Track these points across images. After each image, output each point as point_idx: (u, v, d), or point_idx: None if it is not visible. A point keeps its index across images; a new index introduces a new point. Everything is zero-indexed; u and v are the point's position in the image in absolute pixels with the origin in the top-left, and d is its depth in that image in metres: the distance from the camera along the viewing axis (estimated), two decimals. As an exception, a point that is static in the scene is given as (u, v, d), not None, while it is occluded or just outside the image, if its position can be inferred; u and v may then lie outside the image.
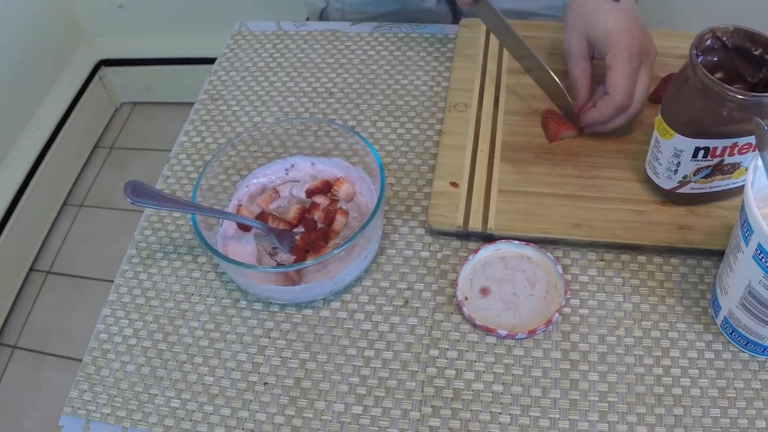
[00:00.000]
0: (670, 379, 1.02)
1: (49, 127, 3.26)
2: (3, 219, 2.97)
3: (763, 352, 1.02)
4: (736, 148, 1.05)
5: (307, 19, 1.82)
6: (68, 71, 3.43)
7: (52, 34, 3.32)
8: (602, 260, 1.15)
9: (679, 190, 1.14)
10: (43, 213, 3.24)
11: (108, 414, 1.08)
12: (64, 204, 3.35)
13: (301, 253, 1.15)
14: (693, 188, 1.13)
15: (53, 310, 3.00)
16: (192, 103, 1.46)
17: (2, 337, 2.93)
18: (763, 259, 0.88)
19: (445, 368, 1.06)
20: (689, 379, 1.02)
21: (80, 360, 1.14)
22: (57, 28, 3.34)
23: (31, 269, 3.13)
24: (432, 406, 1.03)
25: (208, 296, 1.18)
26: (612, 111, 1.20)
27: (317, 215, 1.19)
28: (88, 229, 3.26)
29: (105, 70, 3.59)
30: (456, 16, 1.70)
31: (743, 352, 1.04)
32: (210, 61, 3.28)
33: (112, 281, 1.22)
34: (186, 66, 3.44)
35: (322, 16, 1.76)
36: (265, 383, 1.07)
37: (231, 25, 1.66)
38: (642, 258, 1.15)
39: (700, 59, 1.03)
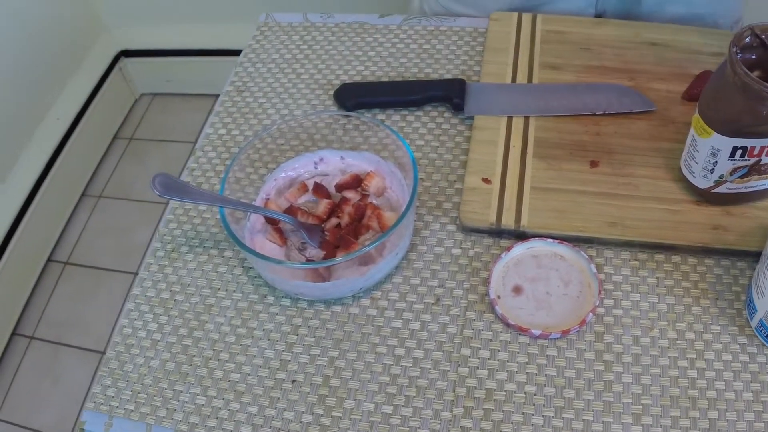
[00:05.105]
0: (705, 381, 1.01)
1: (68, 118, 3.26)
2: (22, 209, 2.97)
3: (799, 356, 1.00)
4: (774, 148, 1.04)
5: None
6: (88, 62, 3.43)
7: (72, 24, 3.32)
8: (636, 260, 1.14)
9: (714, 190, 1.12)
10: (62, 204, 3.24)
11: (132, 410, 1.07)
12: (83, 195, 3.35)
13: (331, 248, 1.14)
14: (729, 188, 1.11)
15: (71, 300, 3.00)
16: (211, 95, 1.46)
17: (20, 327, 2.93)
18: (803, 261, 0.86)
19: (477, 368, 1.04)
20: (723, 382, 1.01)
21: (97, 351, 1.13)
22: (77, 18, 3.34)
23: (49, 260, 3.13)
24: (464, 406, 1.01)
25: (234, 291, 1.17)
26: None
27: (347, 210, 1.17)
28: (106, 220, 3.26)
29: (125, 61, 3.59)
30: None
31: (779, 355, 1.02)
32: (230, 52, 3.29)
33: (131, 273, 1.21)
34: (205, 57, 3.44)
35: None
36: (293, 381, 1.06)
37: (251, 17, 1.64)
38: (676, 258, 1.14)
39: (738, 57, 1.01)
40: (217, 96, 1.44)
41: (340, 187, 1.22)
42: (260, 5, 2.04)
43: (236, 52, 3.22)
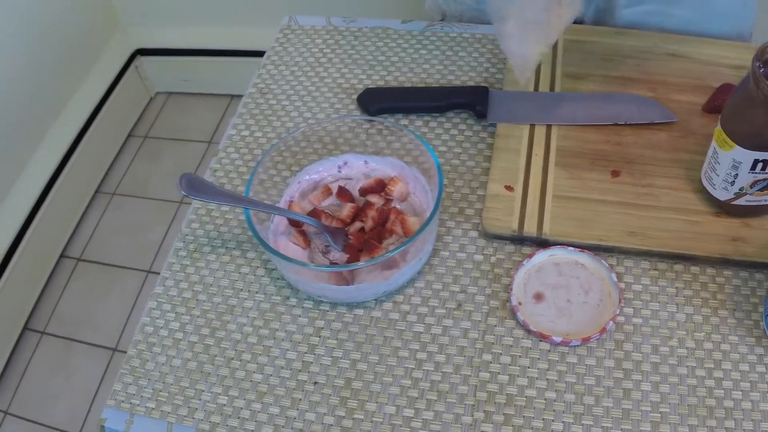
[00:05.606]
0: (722, 391, 1.01)
1: (83, 114, 3.27)
2: (36, 205, 2.98)
3: (817, 367, 1.01)
4: (795, 162, 1.04)
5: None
6: (104, 59, 3.44)
7: (89, 22, 3.33)
8: (656, 269, 1.14)
9: (734, 202, 1.13)
10: (76, 200, 3.26)
11: (153, 408, 1.08)
12: (97, 192, 3.36)
13: (355, 252, 1.14)
14: (748, 200, 1.12)
15: (83, 297, 3.01)
16: (226, 95, 1.46)
17: (31, 322, 2.95)
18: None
19: (498, 373, 1.05)
20: (740, 392, 1.01)
21: (109, 348, 1.14)
22: (94, 16, 3.36)
23: (61, 256, 3.14)
24: (485, 411, 1.02)
25: (257, 292, 1.18)
26: None
27: (371, 214, 1.18)
28: (119, 217, 3.27)
29: (141, 59, 3.60)
30: None
31: (796, 367, 1.03)
32: (245, 53, 3.29)
33: (143, 270, 1.22)
34: (221, 58, 3.44)
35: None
36: (315, 382, 1.07)
37: (267, 19, 1.65)
38: (695, 269, 1.14)
39: (761, 71, 1.02)
40: (232, 97, 1.46)
41: (364, 191, 1.23)
42: (277, 8, 2.06)
43: (252, 53, 3.24)
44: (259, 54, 1.57)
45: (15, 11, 2.86)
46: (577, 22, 1.57)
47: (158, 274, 1.22)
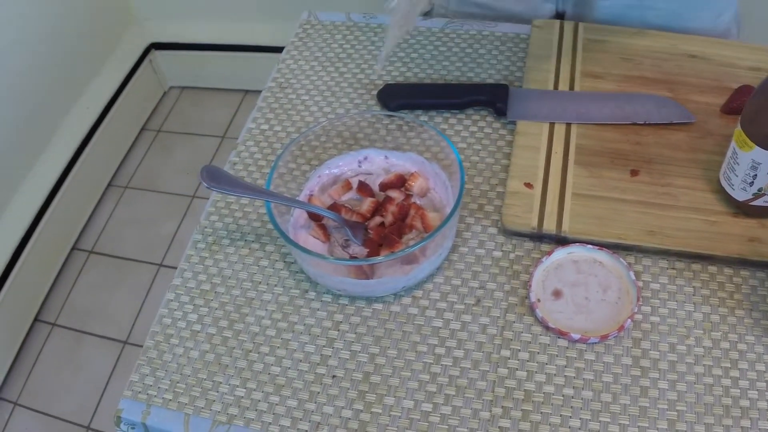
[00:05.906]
0: (738, 390, 1.02)
1: (97, 107, 3.28)
2: (48, 197, 2.99)
3: (835, 369, 1.01)
4: (814, 163, 1.05)
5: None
6: (119, 53, 3.46)
7: (104, 16, 3.34)
8: (673, 269, 1.15)
9: (752, 203, 1.13)
10: (88, 193, 3.27)
11: (170, 400, 1.08)
12: (109, 185, 3.37)
13: (375, 246, 1.15)
14: (766, 201, 1.12)
15: (94, 289, 3.01)
16: (239, 90, 1.46)
17: (42, 314, 2.96)
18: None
19: (517, 369, 1.05)
20: (756, 392, 1.01)
21: (119, 341, 1.14)
22: (109, 9, 3.37)
23: (73, 248, 3.15)
24: (503, 406, 1.02)
25: (276, 285, 1.18)
26: None
27: (391, 209, 1.18)
28: (132, 210, 3.28)
29: (155, 54, 3.61)
30: None
31: (813, 367, 1.03)
32: (260, 49, 3.29)
33: (155, 264, 1.22)
34: (235, 53, 3.44)
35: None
36: (333, 376, 1.07)
37: (281, 15, 1.65)
38: (712, 268, 1.14)
39: (782, 72, 1.03)
40: (246, 92, 1.46)
41: (384, 186, 1.23)
42: (291, 4, 2.06)
43: (266, 49, 3.23)
44: (274, 49, 1.57)
45: (31, 3, 2.87)
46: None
47: (170, 267, 1.23)
